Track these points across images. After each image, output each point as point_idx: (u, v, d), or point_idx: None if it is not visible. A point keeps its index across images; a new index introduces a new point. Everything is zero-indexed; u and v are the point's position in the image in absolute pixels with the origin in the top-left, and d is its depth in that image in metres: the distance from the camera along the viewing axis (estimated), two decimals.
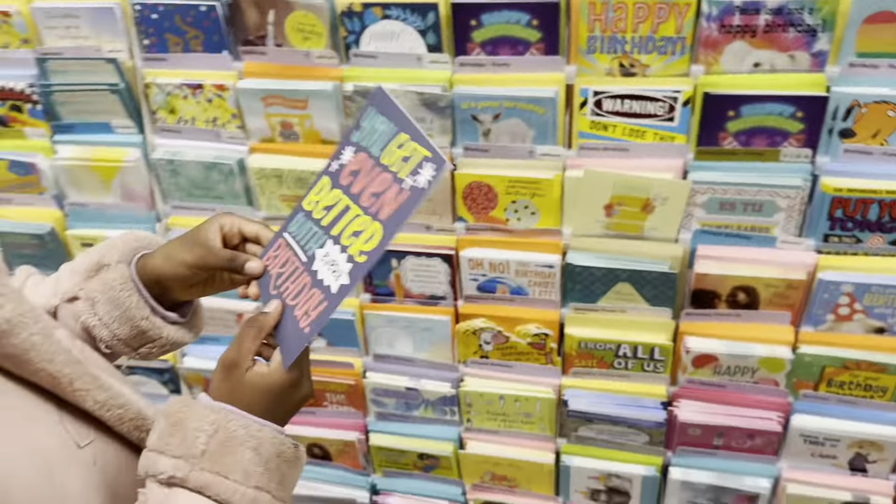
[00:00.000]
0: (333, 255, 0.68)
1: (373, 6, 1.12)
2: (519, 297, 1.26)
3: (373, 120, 0.72)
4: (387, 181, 0.67)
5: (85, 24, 1.23)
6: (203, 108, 1.25)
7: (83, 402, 0.64)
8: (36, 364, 0.60)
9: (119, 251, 0.73)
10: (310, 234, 0.71)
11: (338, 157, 0.74)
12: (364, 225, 0.67)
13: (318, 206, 0.73)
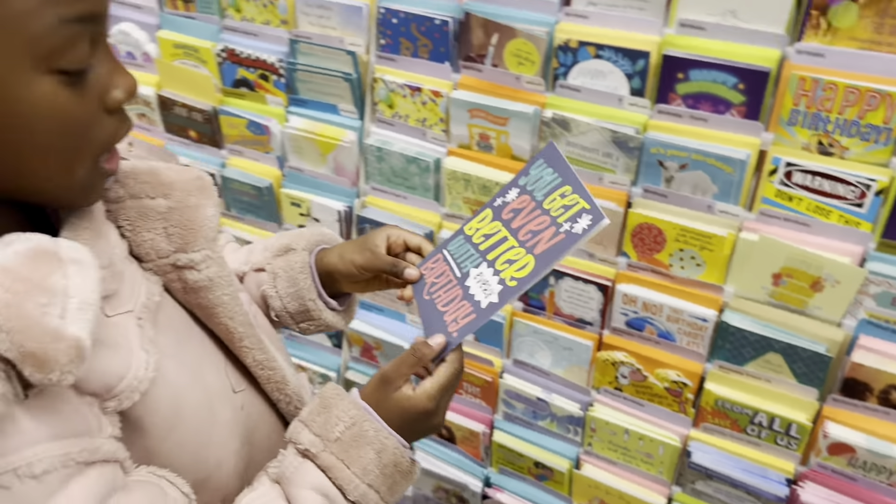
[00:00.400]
0: (486, 277, 0.78)
1: (588, 45, 1.20)
2: (665, 342, 1.30)
3: (541, 169, 0.82)
4: (545, 223, 0.76)
5: (335, 16, 1.42)
6: (417, 109, 1.40)
7: (245, 357, 0.74)
8: (220, 318, 0.71)
9: (306, 240, 0.88)
10: (467, 254, 0.82)
11: (503, 195, 0.84)
12: (518, 256, 0.76)
13: (478, 232, 0.83)
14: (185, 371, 0.65)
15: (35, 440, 0.50)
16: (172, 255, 0.67)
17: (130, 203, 0.66)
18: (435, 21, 1.32)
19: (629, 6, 1.17)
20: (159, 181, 0.66)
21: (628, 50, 1.17)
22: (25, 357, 0.46)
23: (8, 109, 0.48)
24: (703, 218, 1.20)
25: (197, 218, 0.67)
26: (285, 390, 0.78)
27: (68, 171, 0.54)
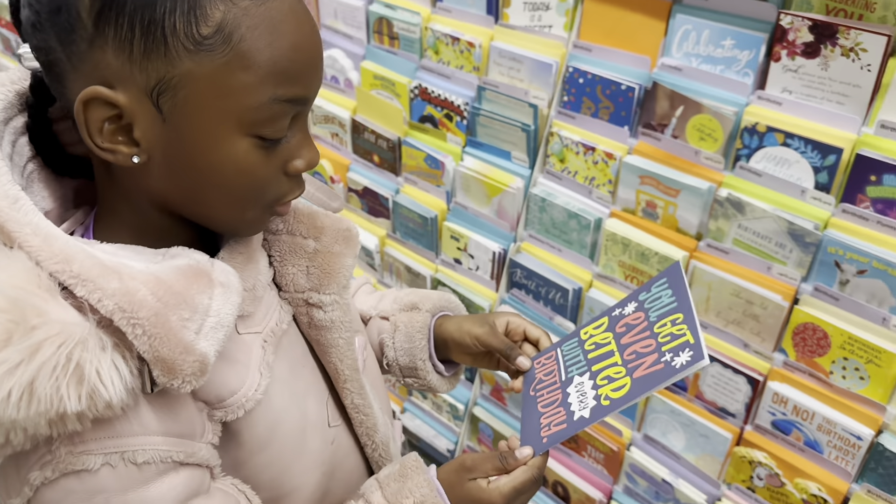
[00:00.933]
0: (585, 388, 0.78)
1: (777, 131, 1.16)
2: (811, 451, 1.22)
3: (661, 289, 0.81)
4: (650, 347, 0.75)
5: (525, 69, 1.47)
6: (587, 167, 1.42)
7: (345, 397, 0.78)
8: (331, 357, 0.76)
9: (432, 303, 0.93)
10: (576, 359, 0.82)
11: (622, 307, 0.85)
12: (619, 375, 0.76)
13: (591, 339, 0.83)
14: (291, 396, 0.70)
15: (147, 431, 0.56)
16: (307, 291, 0.73)
17: (285, 238, 0.73)
18: (622, 86, 1.33)
19: (827, 99, 1.12)
20: (314, 224, 0.74)
21: (820, 143, 1.12)
22: (157, 361, 0.52)
23: (209, 156, 0.56)
24: (876, 330, 1.12)
25: (336, 265, 0.73)
26: (374, 437, 0.82)
27: (240, 213, 0.61)
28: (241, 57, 0.52)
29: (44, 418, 0.48)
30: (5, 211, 0.51)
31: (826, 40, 1.08)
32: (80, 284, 0.51)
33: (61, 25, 0.52)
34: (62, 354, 0.48)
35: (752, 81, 1.20)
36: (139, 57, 0.51)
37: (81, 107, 0.53)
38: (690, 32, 1.25)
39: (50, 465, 0.53)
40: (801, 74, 1.13)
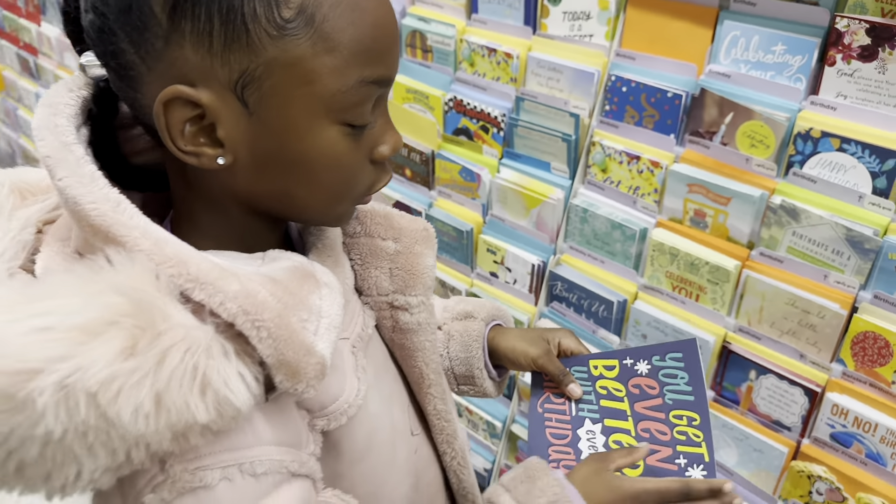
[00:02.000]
0: (597, 442, 0.80)
1: (832, 136, 1.14)
2: (873, 464, 1.18)
3: (675, 365, 0.84)
4: (667, 436, 0.77)
5: (565, 79, 1.46)
6: (632, 176, 1.40)
7: (427, 403, 0.76)
8: (417, 361, 0.74)
9: (486, 312, 0.92)
10: (587, 398, 0.83)
11: (633, 360, 0.85)
12: (627, 442, 0.77)
13: (602, 379, 0.85)
14: (381, 404, 0.68)
15: (262, 441, 0.53)
16: (392, 294, 0.71)
17: (364, 241, 0.71)
18: (668, 94, 1.32)
19: (885, 103, 1.10)
20: (391, 225, 0.72)
21: (878, 147, 1.10)
22: (281, 365, 0.50)
23: (299, 148, 0.53)
24: None
25: (419, 265, 0.71)
26: (454, 444, 0.80)
27: (330, 204, 0.58)
28: (325, 38, 0.50)
29: (170, 432, 0.45)
30: (110, 215, 0.48)
31: (884, 42, 1.06)
32: (199, 287, 0.48)
33: (133, 25, 0.49)
34: (189, 363, 0.45)
35: (805, 87, 1.18)
36: (220, 49, 0.49)
37: (161, 108, 0.50)
38: (739, 39, 1.24)
39: (165, 487, 0.49)
40: (856, 78, 1.11)
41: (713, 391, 1.37)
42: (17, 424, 0.42)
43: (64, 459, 0.44)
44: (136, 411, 0.44)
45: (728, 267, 1.28)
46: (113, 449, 0.45)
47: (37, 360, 0.42)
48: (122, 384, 0.43)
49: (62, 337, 0.43)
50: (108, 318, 0.44)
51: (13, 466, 0.44)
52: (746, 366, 1.30)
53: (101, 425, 0.43)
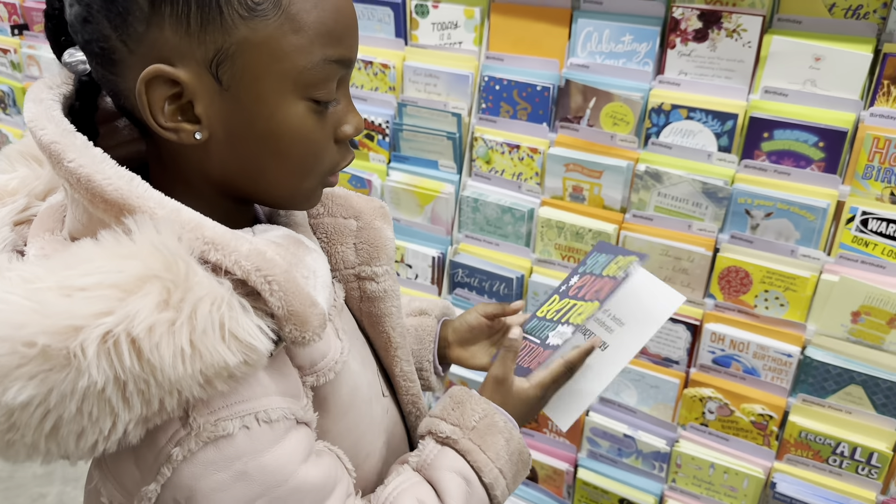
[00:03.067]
0: (562, 330, 0.92)
1: (680, 108, 1.36)
2: (751, 377, 1.41)
3: (596, 257, 1.01)
4: (606, 282, 0.93)
5: (441, 84, 1.59)
6: (514, 164, 1.56)
7: (394, 366, 0.82)
8: (385, 326, 0.80)
9: (438, 309, 1.01)
10: (542, 327, 0.97)
11: (567, 283, 1.02)
12: (584, 307, 0.92)
13: (549, 312, 0.98)
14: (359, 365, 0.74)
15: (270, 392, 0.59)
16: (358, 266, 0.77)
17: (328, 220, 0.77)
18: (537, 87, 1.49)
19: (717, 75, 1.34)
20: (350, 205, 0.78)
21: (718, 112, 1.34)
22: (291, 315, 0.55)
23: (270, 122, 0.58)
24: (787, 261, 1.33)
25: (381, 238, 0.77)
26: (418, 404, 0.87)
27: (299, 180, 0.62)
28: (291, 19, 0.55)
29: (202, 376, 0.50)
30: (126, 188, 0.53)
31: (713, 25, 1.30)
32: (215, 248, 0.53)
33: (116, 11, 0.53)
34: (215, 315, 0.50)
35: (652, 69, 1.40)
36: (197, 30, 0.53)
37: (143, 87, 0.54)
38: (592, 34, 1.43)
39: (190, 439, 0.54)
40: (693, 57, 1.34)
41: None
42: (58, 381, 0.47)
43: (100, 413, 0.49)
44: (174, 355, 0.49)
45: (608, 231, 1.47)
46: (149, 398, 0.50)
47: (80, 317, 0.47)
48: (162, 332, 0.48)
49: (102, 294, 0.48)
50: (143, 275, 0.49)
51: (49, 425, 0.48)
52: None
53: (142, 372, 0.48)
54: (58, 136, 0.54)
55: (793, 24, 1.28)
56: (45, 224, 0.61)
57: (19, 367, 0.46)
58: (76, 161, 0.53)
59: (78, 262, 0.50)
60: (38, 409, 0.47)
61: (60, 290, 0.48)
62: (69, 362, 0.47)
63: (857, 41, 1.24)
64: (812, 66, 1.27)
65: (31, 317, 0.47)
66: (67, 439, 0.49)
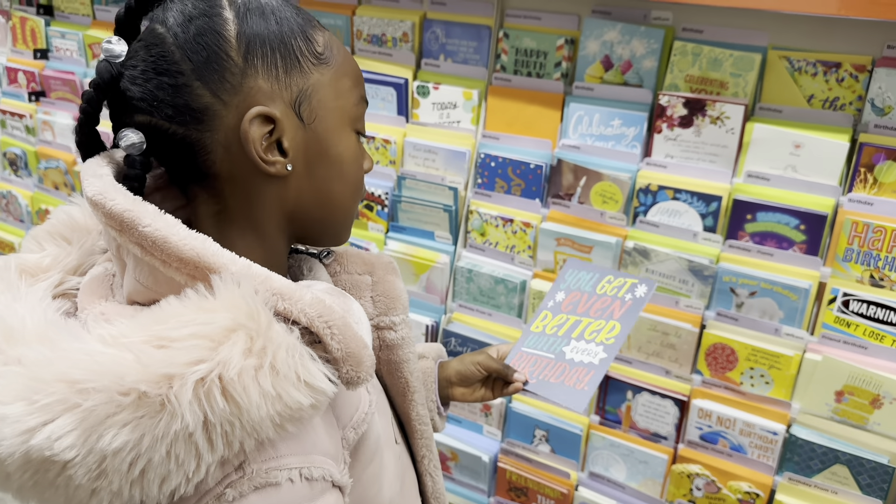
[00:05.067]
0: (582, 347, 0.97)
1: (667, 189, 1.42)
2: (737, 454, 1.42)
3: (575, 274, 1.07)
4: (608, 301, 0.98)
5: (440, 159, 1.66)
6: (507, 237, 1.61)
7: (411, 410, 0.86)
8: (403, 372, 0.85)
9: (434, 352, 1.07)
10: (549, 343, 1.01)
11: (552, 298, 1.07)
12: (600, 325, 0.97)
13: (547, 327, 1.02)
14: (378, 414, 0.77)
15: (318, 451, 0.61)
16: (376, 317, 0.83)
17: (345, 277, 0.84)
18: (530, 165, 1.55)
19: (702, 159, 1.40)
20: (363, 261, 0.85)
21: (703, 194, 1.39)
22: (348, 357, 0.59)
23: (337, 147, 0.69)
24: (771, 340, 1.36)
25: (395, 290, 0.84)
26: (431, 447, 0.90)
27: (353, 202, 0.73)
28: (340, 65, 0.68)
29: (278, 418, 0.55)
30: (201, 248, 0.59)
31: (697, 112, 1.37)
32: (282, 299, 0.58)
33: (211, 70, 0.62)
34: (290, 362, 0.55)
35: (640, 151, 1.46)
36: (283, 76, 0.64)
37: (248, 125, 0.62)
38: (583, 117, 1.51)
39: (243, 482, 0.57)
40: (679, 141, 1.41)
41: (598, 416, 1.56)
42: (150, 426, 0.51)
43: (186, 456, 0.52)
44: (260, 397, 0.53)
45: None
46: (231, 440, 0.54)
47: (176, 366, 0.52)
48: (249, 376, 0.53)
49: (195, 344, 0.53)
50: (230, 326, 0.54)
51: (138, 470, 0.52)
52: (623, 388, 1.51)
53: (230, 415, 0.53)
54: (130, 205, 0.59)
55: (773, 112, 1.35)
56: (95, 292, 0.66)
57: (114, 414, 0.50)
58: (152, 225, 0.58)
59: (167, 317, 0.55)
60: (130, 454, 0.51)
61: (154, 343, 0.53)
62: (163, 408, 0.51)
63: (834, 130, 1.30)
64: (792, 152, 1.33)
65: (132, 366, 0.52)
66: (152, 484, 0.53)
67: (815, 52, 1.30)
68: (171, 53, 0.62)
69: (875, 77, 1.25)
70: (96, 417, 0.50)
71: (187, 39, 0.62)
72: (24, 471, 0.51)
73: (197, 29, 0.62)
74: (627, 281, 0.99)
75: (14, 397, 0.51)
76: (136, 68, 0.63)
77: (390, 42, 1.68)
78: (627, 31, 1.42)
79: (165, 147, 0.65)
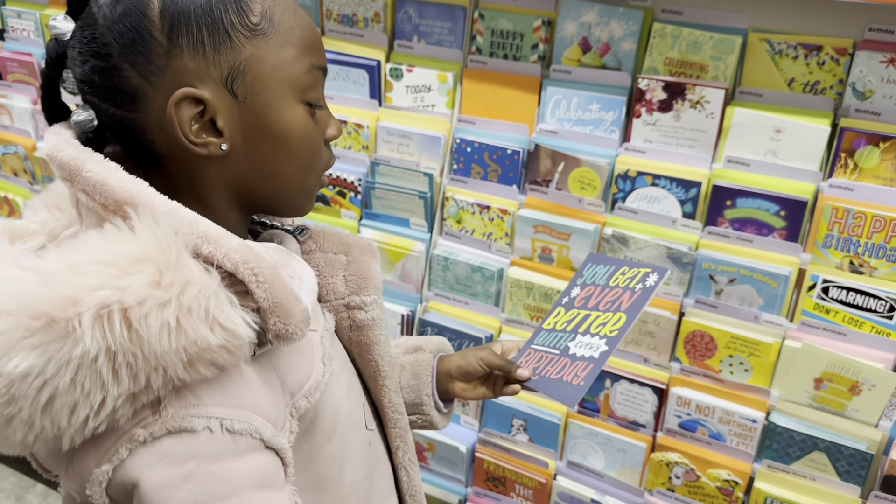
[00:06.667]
0: (586, 341, 0.94)
1: (645, 174, 1.39)
2: (716, 442, 1.41)
3: (593, 268, 1.03)
4: (618, 293, 0.95)
5: (414, 144, 1.61)
6: (484, 224, 1.57)
7: (382, 396, 0.84)
8: (373, 355, 0.82)
9: (434, 345, 1.04)
10: (557, 339, 0.98)
11: (567, 294, 1.03)
12: (607, 318, 0.93)
13: (558, 323, 0.99)
14: (342, 391, 0.76)
15: (245, 406, 0.60)
16: (347, 297, 0.81)
17: (319, 255, 0.82)
18: (507, 151, 1.52)
19: (681, 144, 1.38)
20: (340, 241, 0.83)
21: (682, 180, 1.37)
22: (275, 307, 0.59)
23: (280, 124, 0.65)
24: (750, 327, 1.35)
25: (369, 270, 0.82)
26: (406, 438, 0.88)
27: (305, 177, 0.69)
28: (283, 34, 0.64)
29: (185, 355, 0.54)
30: (135, 189, 0.59)
31: (677, 96, 1.34)
32: (207, 242, 0.58)
33: (137, 52, 0.60)
34: (202, 302, 0.55)
35: (619, 136, 1.43)
36: (211, 53, 0.61)
37: (173, 109, 0.61)
38: (561, 101, 1.47)
39: (156, 423, 0.57)
40: (658, 126, 1.38)
41: (577, 405, 1.54)
42: (56, 351, 0.52)
43: (91, 386, 0.53)
44: (161, 328, 0.53)
45: None
46: (136, 372, 0.54)
47: (79, 289, 0.52)
48: (151, 305, 0.53)
49: (100, 270, 0.54)
50: (138, 256, 0.54)
51: (45, 397, 0.52)
52: (601, 376, 1.49)
53: (130, 344, 0.53)
54: (77, 154, 0.61)
55: (754, 96, 1.32)
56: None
57: (24, 338, 0.51)
58: (93, 171, 0.60)
59: (81, 245, 0.57)
60: (36, 379, 0.52)
61: (65, 269, 0.54)
62: (67, 333, 0.52)
63: (815, 115, 1.28)
64: (773, 137, 1.31)
65: (38, 289, 0.53)
66: (61, 413, 0.53)
67: (796, 34, 1.27)
68: (101, 35, 0.61)
69: (856, 60, 1.23)
70: (7, 341, 0.51)
71: (114, 20, 0.60)
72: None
73: (123, 9, 0.60)
74: (641, 271, 0.95)
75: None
76: (74, 49, 0.63)
77: (361, 22, 1.63)
78: (605, 12, 1.39)
79: (110, 125, 0.65)
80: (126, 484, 0.57)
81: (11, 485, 2.31)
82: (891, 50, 1.20)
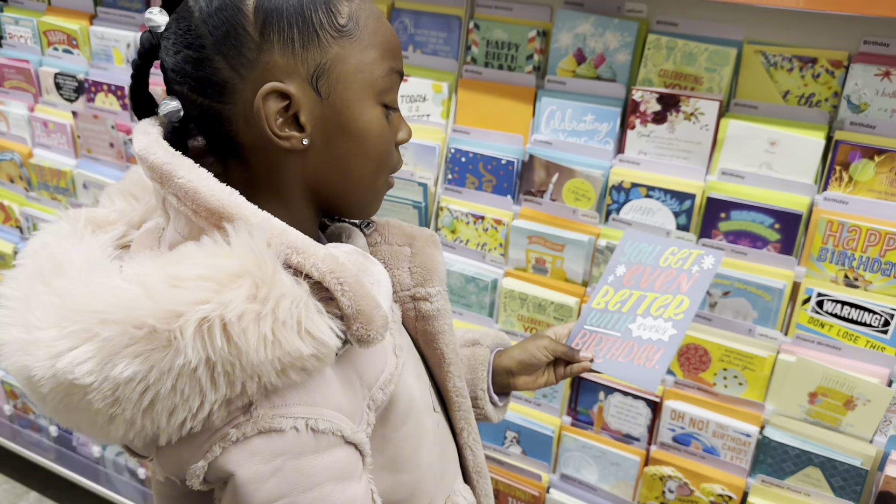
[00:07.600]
0: (649, 323, 0.94)
1: (640, 186, 1.39)
2: (710, 456, 1.40)
3: (635, 246, 1.01)
4: (673, 274, 0.94)
5: (408, 154, 1.61)
6: (478, 234, 1.56)
7: (447, 380, 0.87)
8: (438, 343, 0.85)
9: (491, 339, 1.06)
10: (613, 320, 0.97)
11: (612, 273, 1.03)
12: (667, 300, 0.94)
13: (609, 303, 0.99)
14: (413, 378, 0.79)
15: (328, 405, 0.63)
16: (413, 288, 0.83)
17: (385, 248, 0.85)
18: (501, 161, 1.51)
19: (675, 156, 1.37)
20: (404, 233, 0.85)
21: (676, 192, 1.36)
22: (358, 314, 0.61)
23: (358, 122, 0.68)
24: (745, 340, 1.34)
25: (433, 262, 0.83)
26: (470, 419, 0.91)
27: (376, 176, 0.72)
28: (367, 37, 0.67)
29: (278, 364, 0.57)
30: (226, 199, 0.61)
31: (671, 108, 1.33)
32: (296, 252, 0.60)
33: (229, 45, 0.63)
34: (294, 312, 0.57)
35: (613, 147, 1.43)
36: (300, 50, 0.64)
37: (261, 101, 0.63)
38: (556, 112, 1.47)
39: (248, 424, 0.60)
40: (652, 138, 1.38)
41: (569, 417, 1.53)
42: (158, 360, 0.55)
43: (191, 392, 0.56)
44: (259, 340, 0.56)
45: (570, 304, 1.47)
46: (233, 380, 0.57)
47: (182, 304, 0.55)
48: (249, 319, 0.56)
49: (201, 285, 0.56)
50: (237, 271, 0.57)
51: (147, 401, 0.56)
52: (595, 388, 1.48)
53: (229, 355, 0.56)
54: (169, 158, 0.63)
55: (749, 109, 1.32)
56: (144, 244, 0.71)
57: (127, 346, 0.55)
58: (185, 177, 0.62)
59: (182, 259, 0.59)
60: (139, 384, 0.55)
61: (168, 282, 0.57)
62: (170, 343, 0.55)
63: (810, 127, 1.28)
64: (767, 149, 1.30)
65: (143, 301, 0.56)
66: (161, 415, 0.57)
67: (791, 46, 1.27)
68: (196, 27, 0.64)
69: (851, 73, 1.22)
70: (112, 347, 0.55)
71: (210, 13, 0.63)
72: (56, 393, 0.57)
73: (219, 3, 0.63)
74: (693, 252, 0.96)
75: (49, 323, 0.57)
76: (168, 40, 0.66)
77: None
78: (601, 23, 1.38)
79: (197, 116, 0.67)
80: (220, 473, 0.61)
81: (5, 492, 2.30)
82: (886, 63, 1.20)
